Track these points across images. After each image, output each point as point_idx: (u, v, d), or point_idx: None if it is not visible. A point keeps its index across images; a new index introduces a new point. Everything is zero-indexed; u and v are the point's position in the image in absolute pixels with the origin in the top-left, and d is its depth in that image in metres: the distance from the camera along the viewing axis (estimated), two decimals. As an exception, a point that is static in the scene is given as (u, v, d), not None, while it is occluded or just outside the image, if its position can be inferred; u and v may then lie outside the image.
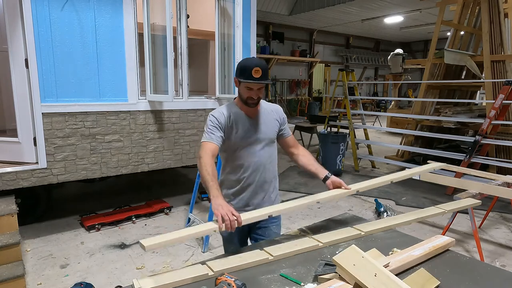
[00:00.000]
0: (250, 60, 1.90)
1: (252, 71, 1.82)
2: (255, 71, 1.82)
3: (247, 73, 1.84)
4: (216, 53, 4.58)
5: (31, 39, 3.31)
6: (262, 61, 1.90)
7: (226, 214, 1.52)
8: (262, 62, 1.90)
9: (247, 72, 1.83)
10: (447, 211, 2.29)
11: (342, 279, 1.37)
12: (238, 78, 1.88)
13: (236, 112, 1.96)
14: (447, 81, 6.55)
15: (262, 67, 1.85)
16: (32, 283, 2.93)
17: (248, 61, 1.89)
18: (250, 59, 1.93)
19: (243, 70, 1.85)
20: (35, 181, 3.52)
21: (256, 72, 1.83)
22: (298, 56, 14.39)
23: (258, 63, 1.86)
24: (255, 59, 1.92)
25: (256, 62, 1.86)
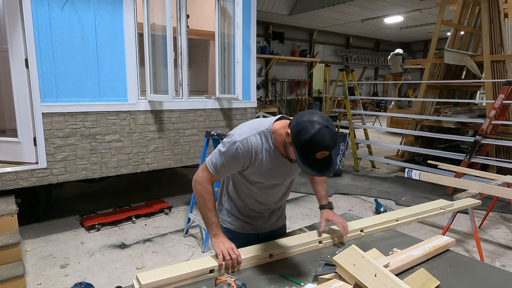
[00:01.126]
0: (322, 134, 1.31)
1: (318, 153, 1.34)
2: (321, 154, 1.34)
3: (311, 154, 1.34)
4: (216, 53, 4.58)
5: (31, 39, 3.31)
6: (335, 139, 1.36)
7: (227, 253, 1.50)
8: (335, 140, 1.36)
9: (311, 152, 1.33)
10: (447, 211, 2.29)
11: (342, 279, 1.37)
12: (296, 150, 1.35)
13: (269, 149, 1.52)
14: (447, 81, 6.55)
15: (333, 148, 1.36)
16: (32, 283, 2.92)
17: (319, 135, 1.31)
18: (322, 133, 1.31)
19: (306, 145, 1.33)
20: (35, 181, 3.52)
21: (322, 155, 1.35)
22: (298, 56, 14.37)
23: (331, 142, 1.33)
24: (330, 133, 1.33)
25: (329, 141, 1.32)
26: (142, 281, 1.34)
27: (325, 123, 1.33)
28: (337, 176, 6.22)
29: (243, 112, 4.91)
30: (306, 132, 1.31)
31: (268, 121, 1.55)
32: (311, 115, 1.36)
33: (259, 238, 1.82)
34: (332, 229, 1.82)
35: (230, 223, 1.82)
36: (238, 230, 1.81)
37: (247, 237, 1.79)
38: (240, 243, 1.76)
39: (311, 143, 1.31)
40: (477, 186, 3.12)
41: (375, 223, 1.95)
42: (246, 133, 1.51)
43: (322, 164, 1.36)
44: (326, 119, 1.35)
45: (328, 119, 1.37)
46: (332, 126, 1.36)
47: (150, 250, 3.53)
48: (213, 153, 1.58)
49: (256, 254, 1.60)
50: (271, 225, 1.87)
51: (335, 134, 1.37)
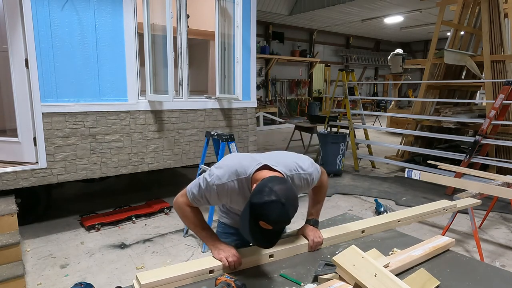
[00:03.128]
0: (272, 207, 1.27)
1: (261, 222, 1.30)
2: (263, 224, 1.30)
3: (255, 219, 1.31)
4: (216, 53, 4.59)
5: (31, 39, 3.31)
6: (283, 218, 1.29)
7: (229, 256, 1.51)
8: (283, 219, 1.30)
9: (255, 217, 1.31)
10: (447, 210, 2.29)
11: (342, 279, 1.37)
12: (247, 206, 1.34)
13: (245, 195, 1.51)
14: (447, 81, 6.55)
15: (279, 225, 1.32)
16: (32, 283, 2.92)
17: (268, 207, 1.27)
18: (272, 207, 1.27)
19: (253, 208, 1.30)
20: (35, 181, 3.52)
21: (265, 225, 1.30)
22: (298, 56, 14.38)
23: (276, 219, 1.28)
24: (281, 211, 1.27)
25: (274, 217, 1.27)
26: (142, 281, 1.34)
27: (283, 199, 1.26)
28: (337, 176, 6.22)
29: (243, 112, 4.91)
30: (260, 196, 1.29)
31: (251, 168, 1.49)
32: (278, 184, 1.32)
33: None
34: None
35: (227, 218, 1.87)
36: (235, 225, 1.85)
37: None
38: (237, 238, 1.82)
39: (257, 209, 1.29)
40: (477, 186, 3.12)
41: (377, 223, 1.95)
42: (225, 177, 1.49)
43: (263, 234, 1.33)
44: (287, 196, 1.29)
45: (290, 197, 1.30)
46: (290, 205, 1.28)
47: (150, 250, 3.53)
48: (194, 183, 1.57)
49: (256, 254, 1.60)
50: None
51: (286, 214, 1.28)
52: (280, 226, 1.34)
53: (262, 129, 12.12)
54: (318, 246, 1.75)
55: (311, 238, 1.73)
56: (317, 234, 1.76)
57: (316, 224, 1.83)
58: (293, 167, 1.59)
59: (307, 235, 1.75)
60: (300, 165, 1.61)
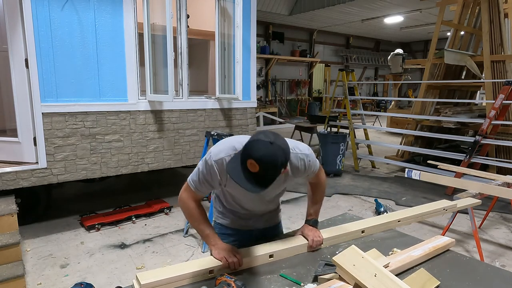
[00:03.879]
0: (258, 145, 1.27)
1: (248, 161, 1.27)
2: (251, 164, 1.27)
3: (243, 161, 1.29)
4: (216, 53, 4.58)
5: (31, 39, 3.31)
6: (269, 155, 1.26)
7: (229, 256, 1.52)
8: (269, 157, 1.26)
9: (243, 158, 1.29)
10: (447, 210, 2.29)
11: (342, 279, 1.37)
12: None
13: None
14: (447, 81, 6.55)
15: (264, 164, 1.26)
16: (32, 283, 2.92)
17: (254, 144, 1.28)
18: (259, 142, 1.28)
19: (242, 150, 1.32)
20: (35, 181, 3.52)
21: (252, 166, 1.27)
22: (298, 56, 14.38)
23: (261, 155, 1.25)
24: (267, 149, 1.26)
25: (260, 153, 1.25)
26: (142, 281, 1.34)
27: (272, 140, 1.28)
28: (337, 176, 6.22)
29: (243, 112, 4.91)
30: (251, 138, 1.34)
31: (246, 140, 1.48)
32: (269, 131, 1.34)
33: (253, 235, 1.84)
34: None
35: (224, 219, 1.86)
36: (231, 226, 1.85)
37: (241, 233, 1.83)
38: (235, 239, 1.81)
39: (245, 148, 1.31)
40: (477, 186, 3.12)
41: (377, 223, 1.95)
42: (223, 152, 1.49)
43: (250, 177, 1.29)
44: (276, 138, 1.30)
45: (280, 141, 1.31)
46: (278, 148, 1.28)
47: (150, 250, 3.53)
48: (194, 171, 1.58)
49: (256, 254, 1.60)
50: (264, 223, 1.88)
51: (274, 155, 1.26)
52: (267, 167, 1.27)
53: (262, 129, 12.12)
54: (318, 246, 1.74)
55: (310, 237, 1.73)
56: (317, 233, 1.76)
57: (316, 224, 1.83)
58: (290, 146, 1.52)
59: (307, 234, 1.75)
60: (298, 147, 1.61)
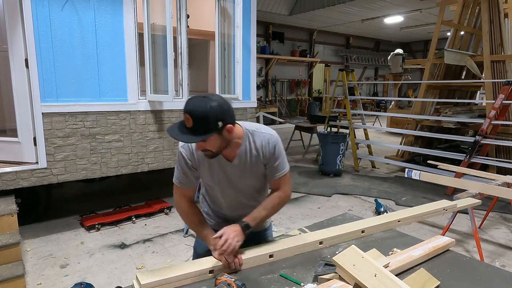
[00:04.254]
0: (191, 99, 1.37)
1: (184, 119, 1.36)
2: (186, 118, 1.35)
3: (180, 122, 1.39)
4: (216, 53, 4.58)
5: (31, 39, 3.31)
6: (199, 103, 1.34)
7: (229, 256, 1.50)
8: (199, 105, 1.33)
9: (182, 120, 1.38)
10: (447, 210, 2.29)
11: (342, 280, 1.37)
12: None
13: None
14: (447, 81, 6.55)
15: (195, 114, 1.33)
16: (32, 283, 2.92)
17: (188, 100, 1.37)
18: (194, 98, 1.38)
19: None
20: (35, 181, 3.52)
21: (187, 120, 1.35)
22: (298, 56, 14.38)
23: (191, 107, 1.34)
24: (198, 100, 1.35)
25: (190, 105, 1.34)
26: (142, 281, 1.34)
27: (208, 95, 1.37)
28: (337, 176, 6.22)
29: (243, 112, 4.91)
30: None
31: None
32: (210, 94, 1.41)
33: None
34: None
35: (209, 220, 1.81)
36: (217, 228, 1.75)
37: None
38: None
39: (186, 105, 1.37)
40: (477, 186, 3.12)
41: (377, 223, 1.95)
42: None
43: (185, 131, 1.35)
44: (214, 95, 1.38)
45: (216, 96, 1.37)
46: (211, 99, 1.34)
47: (150, 250, 3.53)
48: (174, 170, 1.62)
49: (256, 254, 1.60)
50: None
51: (204, 104, 1.33)
52: (197, 116, 1.32)
53: (262, 129, 12.09)
54: (233, 265, 1.48)
55: (223, 238, 1.47)
56: (230, 236, 1.48)
57: (246, 229, 1.54)
58: (256, 127, 1.57)
59: (221, 233, 1.50)
60: (265, 127, 1.59)
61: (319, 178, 6.08)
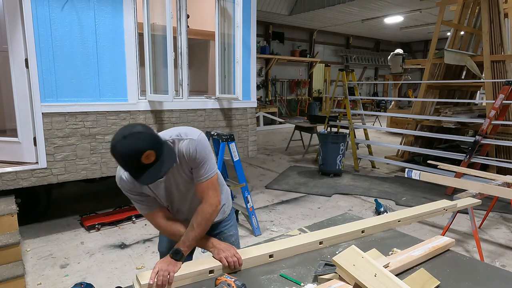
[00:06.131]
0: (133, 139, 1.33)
1: (142, 157, 1.32)
2: (146, 155, 1.32)
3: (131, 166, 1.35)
4: (216, 53, 4.58)
5: (31, 39, 3.30)
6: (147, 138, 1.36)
7: (228, 256, 1.52)
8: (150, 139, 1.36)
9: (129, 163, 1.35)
10: (447, 210, 2.29)
11: (342, 279, 1.37)
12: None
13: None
14: (447, 81, 6.55)
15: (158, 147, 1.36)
16: (32, 283, 2.92)
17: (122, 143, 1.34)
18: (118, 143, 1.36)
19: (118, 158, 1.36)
20: (35, 181, 3.52)
21: (147, 157, 1.33)
22: (298, 56, 14.39)
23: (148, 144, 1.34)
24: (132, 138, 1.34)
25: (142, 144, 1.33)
26: (142, 281, 1.34)
27: (127, 133, 1.36)
28: (337, 176, 6.22)
29: (243, 112, 4.91)
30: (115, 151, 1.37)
31: None
32: (116, 133, 1.40)
33: None
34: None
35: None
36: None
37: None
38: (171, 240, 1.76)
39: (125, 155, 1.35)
40: (477, 186, 3.12)
41: (377, 223, 1.95)
42: (120, 171, 1.59)
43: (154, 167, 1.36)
44: (127, 130, 1.38)
45: (128, 129, 1.39)
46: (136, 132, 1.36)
47: (150, 250, 3.53)
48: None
49: (256, 254, 1.60)
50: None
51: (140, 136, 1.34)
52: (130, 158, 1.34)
53: (262, 129, 12.12)
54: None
55: (155, 271, 1.40)
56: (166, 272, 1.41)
57: (177, 256, 1.48)
58: (175, 134, 1.56)
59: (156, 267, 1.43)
60: (186, 132, 1.56)
61: (319, 178, 6.08)
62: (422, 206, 2.22)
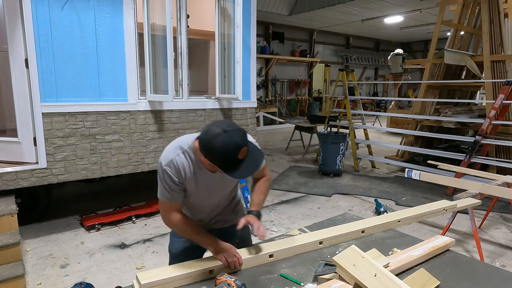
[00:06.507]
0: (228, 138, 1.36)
1: (239, 153, 1.37)
2: (243, 151, 1.38)
3: (232, 158, 1.37)
4: (216, 53, 4.58)
5: (31, 39, 3.30)
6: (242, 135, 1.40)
7: (229, 256, 1.53)
8: (242, 136, 1.40)
9: (232, 156, 1.37)
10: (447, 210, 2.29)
11: (342, 279, 1.37)
12: (217, 164, 1.41)
13: (195, 164, 1.56)
14: (447, 81, 6.55)
15: (249, 145, 1.42)
16: (32, 283, 2.92)
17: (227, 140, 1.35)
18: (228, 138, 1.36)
19: (223, 154, 1.37)
20: (35, 181, 3.52)
21: (242, 153, 1.38)
22: (298, 56, 14.39)
23: (240, 139, 1.38)
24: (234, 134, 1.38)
25: (238, 139, 1.37)
26: (142, 281, 1.34)
27: (223, 128, 1.37)
28: (337, 176, 6.22)
29: (243, 112, 4.91)
30: (214, 145, 1.36)
31: (191, 138, 1.57)
32: (208, 128, 1.41)
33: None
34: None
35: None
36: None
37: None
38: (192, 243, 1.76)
39: (225, 150, 1.35)
40: (477, 186, 3.12)
41: (377, 223, 1.95)
42: (170, 154, 1.55)
43: (246, 162, 1.40)
44: (222, 124, 1.39)
45: (225, 124, 1.41)
46: (229, 127, 1.39)
47: (150, 250, 3.53)
48: (158, 188, 1.61)
49: (256, 254, 1.60)
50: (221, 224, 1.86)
51: (239, 132, 1.39)
52: (246, 141, 1.39)
53: (262, 129, 12.13)
54: (263, 236, 1.61)
55: (256, 225, 1.60)
56: (259, 223, 1.63)
57: (259, 216, 1.69)
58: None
59: (252, 222, 1.61)
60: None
61: (319, 178, 6.08)
62: (422, 206, 2.22)
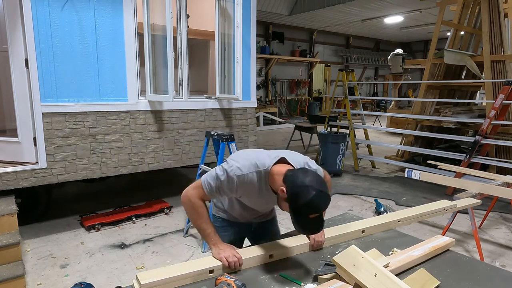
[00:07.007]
0: (317, 199, 1.36)
1: (312, 215, 1.39)
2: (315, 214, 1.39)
3: (305, 216, 1.39)
4: (216, 53, 4.58)
5: (31, 39, 3.30)
6: (327, 201, 1.41)
7: (229, 256, 1.53)
8: (327, 202, 1.41)
9: (305, 214, 1.39)
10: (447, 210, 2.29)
11: (342, 279, 1.37)
12: (292, 211, 1.41)
13: (263, 187, 1.59)
14: (447, 81, 6.55)
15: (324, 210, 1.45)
16: (32, 283, 2.92)
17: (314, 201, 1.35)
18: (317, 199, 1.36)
19: (302, 209, 1.37)
20: (35, 181, 3.52)
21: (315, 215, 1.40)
22: (298, 56, 14.39)
23: (324, 206, 1.40)
24: (324, 198, 1.38)
25: (322, 205, 1.39)
26: (142, 281, 1.34)
27: (319, 187, 1.37)
28: (337, 176, 6.22)
29: (243, 112, 4.91)
30: (302, 197, 1.36)
31: (269, 161, 1.57)
32: (304, 177, 1.40)
33: (251, 228, 1.98)
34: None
35: (224, 213, 1.94)
36: (231, 219, 1.93)
37: (239, 225, 1.93)
38: (235, 231, 1.91)
39: (307, 207, 1.36)
40: (477, 186, 3.12)
41: (377, 223, 1.95)
42: (246, 169, 1.55)
43: (314, 223, 1.41)
44: (318, 182, 1.40)
45: (320, 181, 1.41)
46: (325, 189, 1.40)
47: (150, 250, 3.53)
48: (210, 174, 1.59)
49: (256, 254, 1.60)
50: (261, 218, 1.97)
51: (327, 197, 1.41)
52: (326, 208, 1.43)
53: (262, 129, 12.13)
54: (320, 246, 1.74)
55: (312, 236, 1.71)
56: (320, 233, 1.73)
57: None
58: (303, 164, 1.65)
59: (321, 240, 1.75)
60: (309, 163, 1.68)
61: (319, 178, 6.06)
62: (422, 206, 2.22)
